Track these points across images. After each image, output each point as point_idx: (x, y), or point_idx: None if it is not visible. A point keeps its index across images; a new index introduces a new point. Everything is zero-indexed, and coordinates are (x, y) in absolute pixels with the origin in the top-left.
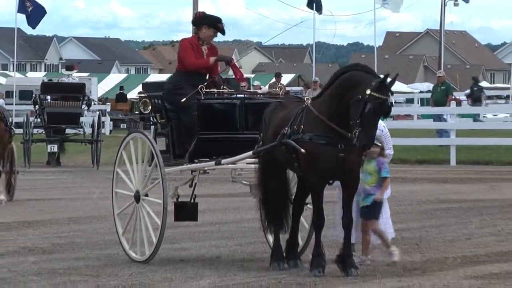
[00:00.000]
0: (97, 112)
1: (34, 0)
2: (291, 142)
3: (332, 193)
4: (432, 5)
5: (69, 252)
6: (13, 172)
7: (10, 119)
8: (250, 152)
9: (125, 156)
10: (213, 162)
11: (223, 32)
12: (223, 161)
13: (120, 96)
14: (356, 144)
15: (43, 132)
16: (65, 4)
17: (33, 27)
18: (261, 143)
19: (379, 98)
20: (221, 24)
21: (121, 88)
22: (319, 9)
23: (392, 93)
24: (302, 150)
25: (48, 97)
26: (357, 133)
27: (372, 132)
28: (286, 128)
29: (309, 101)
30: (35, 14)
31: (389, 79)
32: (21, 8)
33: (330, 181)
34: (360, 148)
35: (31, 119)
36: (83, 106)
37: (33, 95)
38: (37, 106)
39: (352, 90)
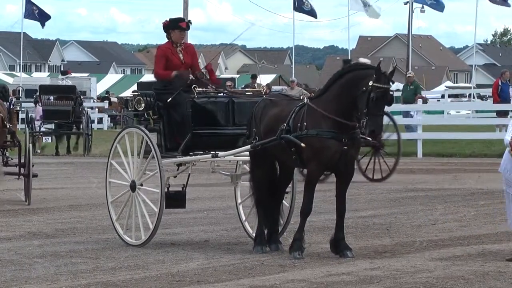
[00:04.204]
0: (87, 109)
1: (39, 7)
2: (292, 138)
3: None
4: (401, 12)
5: (70, 237)
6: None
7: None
8: (249, 146)
9: (119, 149)
10: (210, 155)
11: (187, 28)
12: (220, 153)
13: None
14: (365, 132)
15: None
16: (68, 11)
17: (42, 26)
18: (253, 137)
19: (381, 88)
20: (183, 22)
21: (107, 93)
22: (314, 15)
23: (393, 82)
24: (302, 145)
25: (51, 97)
26: (365, 122)
27: (379, 119)
28: (284, 125)
29: (306, 100)
30: (41, 17)
31: (389, 70)
32: (28, 14)
33: (327, 173)
34: (369, 135)
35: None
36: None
37: (34, 95)
38: (37, 105)
39: (357, 85)
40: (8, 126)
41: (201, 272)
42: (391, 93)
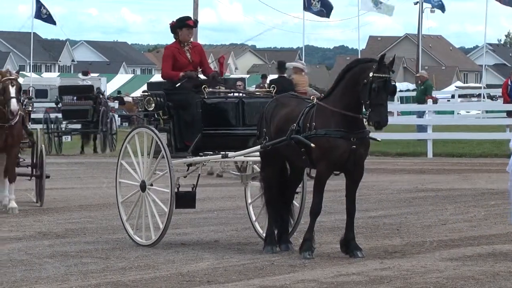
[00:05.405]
0: (102, 108)
1: (48, 10)
2: (301, 138)
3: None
4: (411, 12)
5: (80, 237)
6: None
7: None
8: (259, 147)
9: (129, 149)
10: (220, 156)
11: (194, 25)
12: (230, 154)
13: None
14: (370, 124)
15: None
16: (79, 11)
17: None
18: (263, 138)
19: (382, 77)
20: (190, 20)
21: (119, 92)
22: (328, 14)
23: (393, 71)
24: (312, 145)
25: (75, 98)
26: (368, 114)
27: (382, 110)
28: (294, 125)
29: (315, 100)
30: (49, 19)
31: (387, 60)
32: (38, 14)
33: (337, 172)
34: (374, 126)
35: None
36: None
37: (56, 97)
38: (59, 105)
39: (358, 79)
40: (28, 127)
41: (211, 272)
42: (392, 83)
